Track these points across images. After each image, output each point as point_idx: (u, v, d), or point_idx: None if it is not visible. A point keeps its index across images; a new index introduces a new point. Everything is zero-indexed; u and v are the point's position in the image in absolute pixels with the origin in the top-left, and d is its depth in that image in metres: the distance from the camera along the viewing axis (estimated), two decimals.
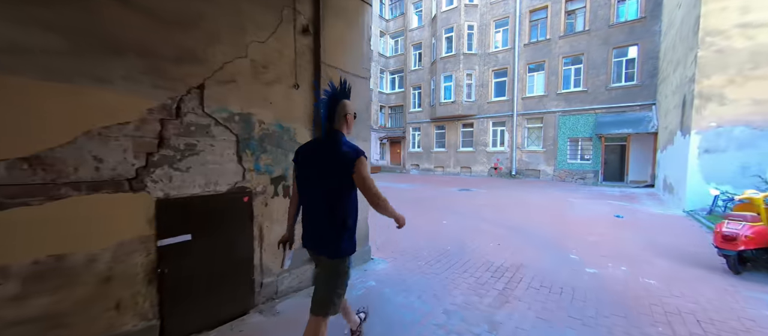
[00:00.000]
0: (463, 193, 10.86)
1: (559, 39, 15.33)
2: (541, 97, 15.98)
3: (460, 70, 17.82)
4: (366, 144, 3.60)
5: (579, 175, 14.63)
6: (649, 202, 8.57)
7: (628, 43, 13.56)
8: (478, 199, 9.14)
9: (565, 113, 15.18)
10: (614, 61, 13.97)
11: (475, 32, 17.85)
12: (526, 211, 7.21)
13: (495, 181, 15.38)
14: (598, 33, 14.24)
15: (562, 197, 9.62)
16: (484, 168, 18.08)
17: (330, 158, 1.57)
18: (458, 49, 17.85)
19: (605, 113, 14.06)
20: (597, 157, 14.16)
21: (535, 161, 16.25)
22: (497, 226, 5.66)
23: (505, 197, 9.62)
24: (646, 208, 7.67)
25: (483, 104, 18.05)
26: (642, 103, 13.17)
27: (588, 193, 10.59)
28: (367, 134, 3.72)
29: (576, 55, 14.95)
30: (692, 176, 7.01)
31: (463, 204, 8.26)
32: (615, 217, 6.58)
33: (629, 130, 12.58)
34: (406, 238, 4.70)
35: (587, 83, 14.56)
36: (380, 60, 23.02)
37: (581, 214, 6.95)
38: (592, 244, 4.60)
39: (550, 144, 15.69)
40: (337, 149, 1.56)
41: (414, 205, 7.98)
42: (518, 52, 16.58)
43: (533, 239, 4.83)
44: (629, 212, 7.16)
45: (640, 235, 5.09)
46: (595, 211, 7.33)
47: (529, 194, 10.33)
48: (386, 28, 23.55)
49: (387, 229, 4.78)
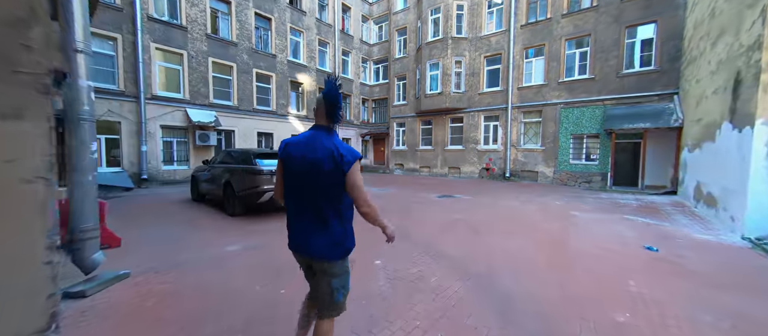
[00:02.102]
0: (442, 201, 8.66)
1: (561, 18, 13.05)
2: (539, 87, 13.72)
3: (447, 56, 15.57)
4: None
5: (583, 178, 12.40)
6: (682, 220, 6.34)
7: (644, 20, 11.29)
8: (454, 212, 6.94)
9: (568, 105, 12.93)
10: (627, 42, 11.71)
11: (465, 13, 15.57)
12: (510, 236, 5.00)
13: (485, 185, 13.14)
14: (607, 9, 11.97)
15: (563, 210, 7.41)
16: (475, 169, 15.86)
17: (324, 157, 1.45)
18: (446, 33, 15.59)
19: (616, 105, 11.81)
20: (605, 157, 11.92)
21: (533, 161, 14.01)
22: (456, 272, 3.45)
23: (489, 209, 7.40)
24: (682, 230, 5.45)
25: (473, 96, 15.80)
26: (661, 92, 10.92)
27: (596, 203, 8.37)
28: None
29: (581, 37, 12.68)
30: (756, 186, 4.79)
31: (431, 221, 6.06)
32: (645, 248, 4.37)
33: (646, 124, 10.33)
34: (264, 305, 2.51)
35: (594, 69, 12.30)
36: (362, 48, 20.76)
37: (592, 242, 4.73)
38: (621, 331, 2.39)
39: (550, 141, 13.45)
40: (331, 148, 1.46)
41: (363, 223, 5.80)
42: (514, 35, 14.31)
43: (510, 317, 2.61)
44: (661, 237, 4.95)
45: (705, 297, 2.88)
46: (612, 235, 5.11)
47: (522, 204, 8.11)
48: (369, 12, 21.26)
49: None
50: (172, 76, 11.75)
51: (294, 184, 1.54)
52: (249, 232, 5.05)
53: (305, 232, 1.52)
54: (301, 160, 1.49)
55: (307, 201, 1.50)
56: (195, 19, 12.11)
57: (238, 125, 13.70)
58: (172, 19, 11.60)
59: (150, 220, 5.87)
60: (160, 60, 11.37)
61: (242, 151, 6.56)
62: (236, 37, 13.51)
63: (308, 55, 16.91)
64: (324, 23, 17.78)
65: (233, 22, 13.40)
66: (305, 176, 1.48)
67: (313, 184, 1.47)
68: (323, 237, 1.49)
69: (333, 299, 1.55)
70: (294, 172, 1.52)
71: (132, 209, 7.01)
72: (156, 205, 7.49)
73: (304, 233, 1.53)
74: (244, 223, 5.72)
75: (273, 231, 5.09)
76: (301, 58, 16.68)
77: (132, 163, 10.56)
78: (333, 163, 1.44)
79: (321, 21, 17.58)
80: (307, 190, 1.50)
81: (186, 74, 11.91)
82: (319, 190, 1.47)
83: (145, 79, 10.66)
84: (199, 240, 4.61)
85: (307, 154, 1.49)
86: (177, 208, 7.13)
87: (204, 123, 11.81)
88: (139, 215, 6.34)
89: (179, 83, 11.88)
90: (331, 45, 18.35)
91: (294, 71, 16.12)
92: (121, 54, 10.28)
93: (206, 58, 12.49)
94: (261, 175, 5.83)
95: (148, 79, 10.89)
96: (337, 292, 1.55)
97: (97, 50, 9.87)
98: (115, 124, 10.28)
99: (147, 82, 10.82)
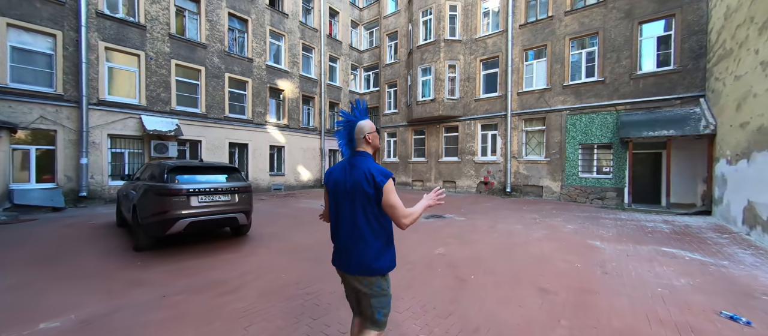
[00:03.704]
0: (429, 224, 7.09)
1: (564, 15, 11.76)
2: (542, 92, 12.31)
3: (440, 60, 14.26)
4: None
5: (596, 194, 10.80)
6: (742, 255, 4.72)
7: (659, 14, 9.95)
8: (438, 242, 5.34)
9: (575, 111, 11.47)
10: (641, 39, 10.34)
11: (459, 13, 14.36)
12: (511, 290, 3.41)
13: (483, 201, 11.54)
14: (617, 4, 10.66)
15: (578, 237, 5.80)
16: (472, 183, 14.28)
17: (358, 179, 1.57)
18: (438, 35, 14.34)
19: (631, 110, 10.33)
20: (621, 170, 10.35)
21: (537, 174, 12.44)
22: None
23: (485, 237, 5.81)
24: (756, 275, 3.84)
25: (469, 102, 14.39)
26: (684, 94, 9.44)
27: (618, 227, 6.76)
28: None
29: (588, 35, 11.35)
30: None
31: (403, 258, 4.45)
32: (722, 316, 2.77)
33: (670, 132, 8.81)
34: None
35: (604, 71, 10.89)
36: (352, 54, 19.58)
37: (634, 301, 3.14)
38: None
39: (556, 152, 11.92)
40: (365, 171, 1.57)
41: (319, 258, 4.21)
42: (512, 36, 13.01)
43: None
44: (734, 290, 3.34)
45: None
46: (658, 285, 3.51)
47: (527, 229, 6.51)
48: (359, 18, 20.19)
49: None
50: (126, 79, 10.41)
51: (336, 206, 1.67)
52: (129, 284, 3.48)
53: (346, 250, 1.62)
54: (342, 183, 1.63)
55: (348, 220, 1.61)
56: (156, 18, 10.88)
57: (206, 135, 12.28)
58: (127, 17, 10.36)
59: (16, 258, 4.32)
60: (112, 61, 10.06)
61: (158, 163, 5.05)
62: (206, 38, 12.26)
63: (290, 60, 15.67)
64: (309, 27, 16.63)
65: (203, 22, 12.18)
66: (345, 198, 1.61)
67: (351, 204, 1.59)
68: (361, 255, 1.57)
69: (375, 317, 1.61)
70: (335, 194, 1.67)
71: (21, 238, 5.45)
72: (65, 232, 5.94)
73: (345, 251, 1.62)
74: (145, 264, 4.15)
75: (159, 283, 3.51)
76: (282, 64, 15.42)
77: (68, 179, 9.07)
78: (367, 185, 1.54)
79: (305, 25, 16.44)
80: (347, 211, 1.61)
81: (143, 78, 10.57)
82: (357, 210, 1.58)
83: (88, 82, 9.30)
84: (29, 304, 3.04)
85: (346, 177, 1.63)
86: (85, 238, 5.58)
87: (162, 132, 10.39)
88: (16, 247, 4.79)
89: (135, 87, 10.52)
90: (317, 50, 17.15)
91: (274, 77, 14.83)
92: (61, 53, 8.96)
93: (169, 60, 11.19)
94: (172, 196, 4.31)
95: (95, 82, 9.53)
96: (377, 311, 1.61)
97: (30, 48, 8.57)
98: (49, 132, 8.86)
99: (92, 85, 9.46)
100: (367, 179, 1.53)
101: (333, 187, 1.67)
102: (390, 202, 1.52)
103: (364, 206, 1.55)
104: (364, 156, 1.63)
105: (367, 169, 1.56)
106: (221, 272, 3.77)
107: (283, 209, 9.24)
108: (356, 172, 1.57)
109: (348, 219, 1.59)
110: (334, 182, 1.67)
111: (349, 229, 1.59)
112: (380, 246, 1.59)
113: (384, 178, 1.53)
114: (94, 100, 9.51)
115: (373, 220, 1.56)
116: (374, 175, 1.53)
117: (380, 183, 1.51)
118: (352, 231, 1.58)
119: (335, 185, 1.66)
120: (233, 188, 4.95)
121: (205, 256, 4.41)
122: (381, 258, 1.58)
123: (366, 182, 1.53)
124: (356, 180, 1.55)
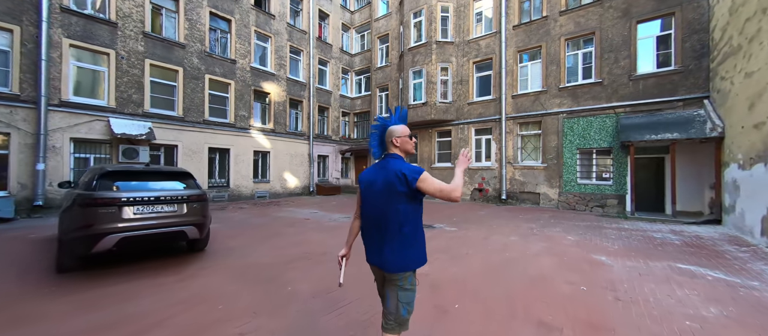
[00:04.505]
0: None
1: (559, 15, 11.32)
2: (537, 95, 11.79)
3: (432, 62, 13.75)
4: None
5: (596, 202, 10.18)
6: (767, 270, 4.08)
7: (658, 12, 9.52)
8: None
9: (572, 114, 10.94)
10: (639, 39, 9.88)
11: (451, 14, 13.91)
12: (498, 316, 2.71)
13: (477, 209, 10.87)
14: (614, 2, 10.24)
15: (581, 251, 5.14)
16: (466, 190, 13.62)
17: (389, 179, 1.63)
18: (430, 37, 13.85)
19: (631, 113, 9.81)
20: (621, 176, 9.77)
21: (533, 181, 11.83)
22: None
23: (477, 251, 5.12)
24: None
25: (462, 106, 13.84)
26: (686, 96, 8.95)
27: (623, 239, 6.11)
28: None
29: (584, 36, 10.89)
30: None
31: None
32: None
33: (674, 135, 8.26)
34: None
35: (602, 72, 10.41)
36: (343, 58, 19.06)
37: None
38: None
39: (552, 157, 11.34)
40: (396, 171, 1.63)
41: (274, 280, 3.49)
42: (505, 37, 12.54)
43: None
44: (766, 312, 2.68)
45: None
46: (686, 317, 2.84)
47: (524, 241, 5.83)
48: (350, 21, 19.74)
49: None
50: (93, 78, 9.70)
51: (368, 205, 1.73)
52: (12, 322, 2.73)
53: (378, 245, 1.68)
54: (374, 184, 1.71)
55: (380, 218, 1.67)
56: (129, 15, 10.24)
57: (183, 139, 11.54)
58: (97, 13, 9.71)
59: None
60: (77, 59, 9.36)
61: (92, 168, 4.33)
62: (185, 38, 11.63)
63: (277, 62, 15.06)
64: (297, 29, 16.09)
65: (181, 21, 11.57)
66: (377, 197, 1.68)
67: (383, 204, 1.65)
68: (393, 251, 1.63)
69: (400, 313, 1.65)
70: (369, 194, 1.74)
71: None
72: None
73: (377, 246, 1.69)
74: (57, 290, 3.40)
75: (53, 319, 2.77)
76: (268, 66, 14.80)
77: (23, 186, 8.26)
78: (400, 184, 1.60)
79: (294, 27, 15.90)
80: (379, 210, 1.67)
81: (113, 78, 9.87)
82: (389, 208, 1.63)
83: (48, 82, 8.58)
84: None
85: (377, 178, 1.70)
86: (16, 253, 4.81)
87: (131, 136, 9.65)
88: None
89: (103, 88, 9.81)
90: (306, 53, 16.59)
91: (259, 79, 14.19)
92: (19, 49, 8.26)
93: (142, 59, 10.51)
94: (98, 207, 3.59)
95: (57, 81, 8.81)
96: (403, 307, 1.65)
97: None
98: (1, 135, 8.09)
99: (53, 84, 8.74)
100: (399, 179, 1.60)
101: (365, 187, 1.75)
102: (435, 188, 1.57)
103: (395, 205, 1.61)
104: (394, 158, 1.71)
105: (399, 169, 1.62)
106: (145, 303, 3.03)
107: (259, 219, 8.48)
108: (387, 173, 1.65)
109: (380, 218, 1.66)
110: (366, 183, 1.75)
111: (382, 227, 1.65)
112: (411, 242, 1.64)
113: (416, 175, 1.58)
114: (56, 100, 8.77)
115: (403, 217, 1.62)
116: (406, 174, 1.59)
117: (412, 181, 1.58)
118: (385, 229, 1.64)
119: (367, 186, 1.74)
120: (181, 197, 4.23)
121: (135, 279, 3.66)
122: (413, 254, 1.65)
123: (398, 181, 1.60)
124: (388, 180, 1.63)
